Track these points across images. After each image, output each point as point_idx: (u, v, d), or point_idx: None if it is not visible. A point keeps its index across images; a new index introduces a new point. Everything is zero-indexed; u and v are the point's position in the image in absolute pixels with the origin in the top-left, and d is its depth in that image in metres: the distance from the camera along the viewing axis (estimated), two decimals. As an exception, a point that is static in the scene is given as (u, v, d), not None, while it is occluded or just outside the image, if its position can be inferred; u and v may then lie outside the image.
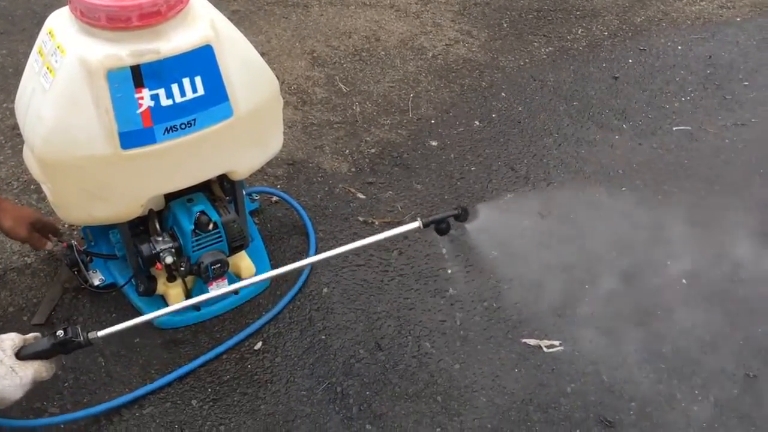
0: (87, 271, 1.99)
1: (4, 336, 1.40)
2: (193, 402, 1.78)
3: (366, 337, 1.95)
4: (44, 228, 1.96)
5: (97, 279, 1.99)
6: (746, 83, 3.07)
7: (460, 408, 1.81)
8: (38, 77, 1.57)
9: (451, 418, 1.79)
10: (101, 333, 1.46)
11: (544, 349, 1.96)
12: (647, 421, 1.79)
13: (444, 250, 2.19)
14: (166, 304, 1.94)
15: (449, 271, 2.13)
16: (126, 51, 1.49)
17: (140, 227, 1.84)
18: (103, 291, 1.98)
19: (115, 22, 1.47)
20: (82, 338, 1.43)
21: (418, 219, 1.67)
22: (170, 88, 1.56)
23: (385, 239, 1.67)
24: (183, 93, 1.57)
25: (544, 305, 2.05)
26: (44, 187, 1.68)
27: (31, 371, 1.37)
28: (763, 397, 1.84)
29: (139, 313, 1.94)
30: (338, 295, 2.05)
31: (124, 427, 1.71)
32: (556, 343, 1.97)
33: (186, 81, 1.57)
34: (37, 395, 1.74)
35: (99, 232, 2.02)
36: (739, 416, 1.80)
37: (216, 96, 1.63)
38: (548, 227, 2.31)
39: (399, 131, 2.65)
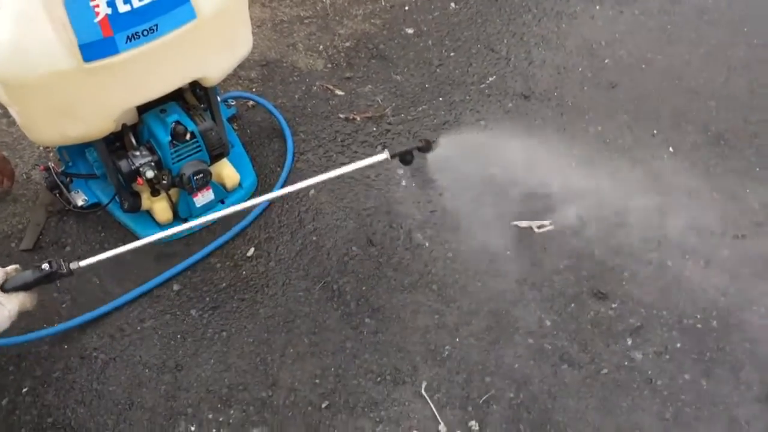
0: (69, 192, 1.96)
1: None
2: (193, 312, 1.80)
3: (357, 234, 1.96)
4: None
5: (80, 199, 1.96)
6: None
7: (456, 294, 1.84)
8: (-15, -5, 1.47)
9: (448, 305, 1.82)
10: (83, 263, 1.45)
11: (536, 230, 1.97)
12: (639, 287, 1.83)
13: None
14: (153, 219, 1.93)
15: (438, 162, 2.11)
16: (72, -44, 1.39)
17: (116, 143, 1.80)
18: (87, 211, 1.96)
19: (56, -76, 1.37)
20: (65, 269, 1.42)
21: (386, 150, 1.64)
22: (126, -8, 1.47)
23: (352, 170, 1.61)
24: (140, -3, 1.49)
25: (532, 187, 2.04)
26: (12, 111, 1.61)
27: (16, 303, 1.39)
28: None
29: (127, 230, 1.95)
30: (326, 195, 2.04)
31: (127, 341, 1.74)
32: (547, 222, 1.98)
33: (142, -18, 1.48)
34: (37, 319, 1.75)
35: (75, 151, 1.96)
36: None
37: (176, -3, 1.54)
38: (532, 108, 2.27)
39: (373, 21, 2.55)
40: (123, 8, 1.47)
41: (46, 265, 1.40)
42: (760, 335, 1.75)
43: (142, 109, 1.74)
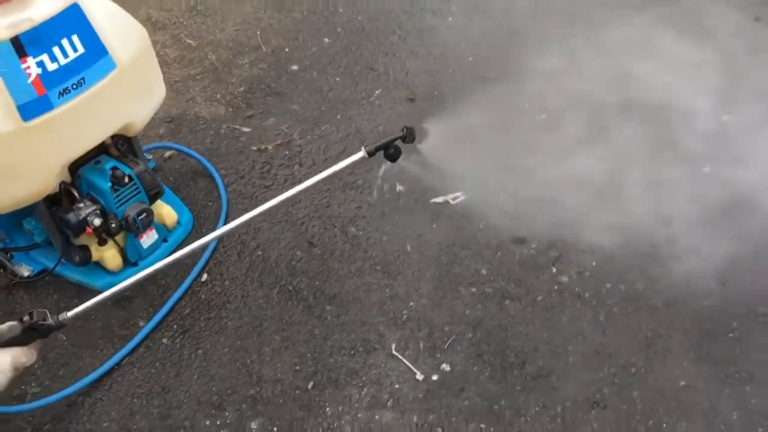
0: (12, 266, 2.01)
1: None
2: (164, 340, 1.89)
3: (297, 240, 2.13)
4: None
5: (25, 270, 2.02)
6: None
7: (399, 268, 2.05)
8: None
9: (394, 278, 2.02)
10: (70, 313, 1.45)
11: (451, 202, 2.23)
12: (551, 230, 2.12)
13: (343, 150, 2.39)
14: (103, 268, 2.02)
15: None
16: (1, 25, 1.54)
17: (53, 207, 1.89)
18: (35, 279, 2.01)
19: (-19, 0, 1.51)
20: (52, 321, 1.42)
21: (363, 148, 1.57)
22: (52, 51, 1.62)
23: (333, 174, 1.59)
24: (65, 54, 1.64)
25: (440, 168, 2.31)
26: (-46, 184, 1.69)
27: (8, 357, 1.38)
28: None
29: (80, 286, 2.02)
30: (260, 216, 2.20)
31: (108, 381, 1.81)
32: (459, 194, 2.25)
33: (65, 42, 1.64)
34: (13, 383, 1.78)
35: (11, 226, 2.02)
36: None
37: (96, 51, 1.71)
38: (420, 107, 2.57)
39: (259, 66, 2.78)
40: (51, 66, 1.63)
41: (27, 316, 1.41)
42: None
43: (74, 168, 1.87)
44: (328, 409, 1.74)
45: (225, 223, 2.17)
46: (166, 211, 2.09)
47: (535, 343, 1.86)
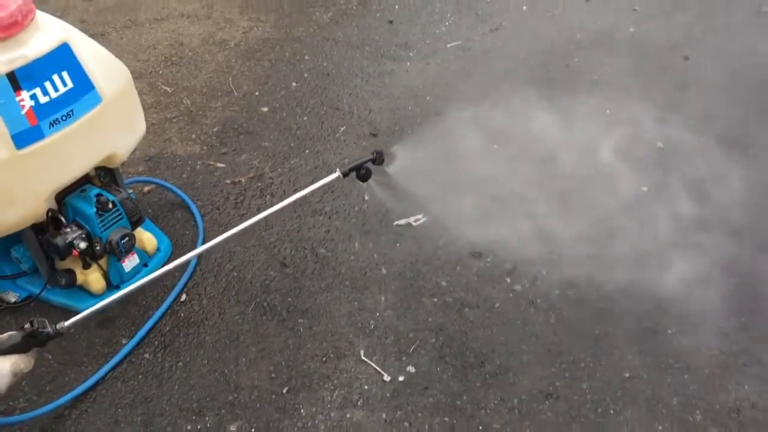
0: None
1: None
2: (146, 355, 2.01)
3: (270, 261, 2.28)
4: None
5: (12, 297, 2.13)
6: (488, 1, 3.76)
7: (367, 283, 2.21)
8: None
9: (362, 293, 2.18)
10: (67, 323, 1.57)
11: (413, 224, 2.41)
12: (504, 245, 2.30)
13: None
14: (87, 292, 2.14)
15: (321, 192, 2.51)
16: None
17: (39, 236, 2.03)
18: (22, 304, 2.12)
19: (-19, 39, 1.69)
20: (51, 329, 1.54)
21: (337, 169, 1.76)
22: (44, 86, 1.79)
23: (309, 193, 1.83)
24: (56, 88, 1.81)
25: (401, 193, 2.50)
26: (-51, 212, 1.82)
27: (8, 363, 1.51)
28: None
29: (65, 309, 2.13)
30: (234, 241, 2.36)
31: (92, 394, 1.91)
32: (420, 216, 2.43)
33: (56, 77, 1.81)
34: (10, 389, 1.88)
35: (-1, 255, 2.15)
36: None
37: (84, 86, 1.88)
38: (382, 141, 2.77)
39: (232, 109, 2.97)
40: (43, 99, 1.79)
41: (28, 324, 1.53)
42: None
43: (61, 197, 2.01)
44: (302, 410, 1.86)
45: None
46: (146, 237, 2.23)
47: (493, 345, 2.02)
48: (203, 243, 2.33)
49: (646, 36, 3.45)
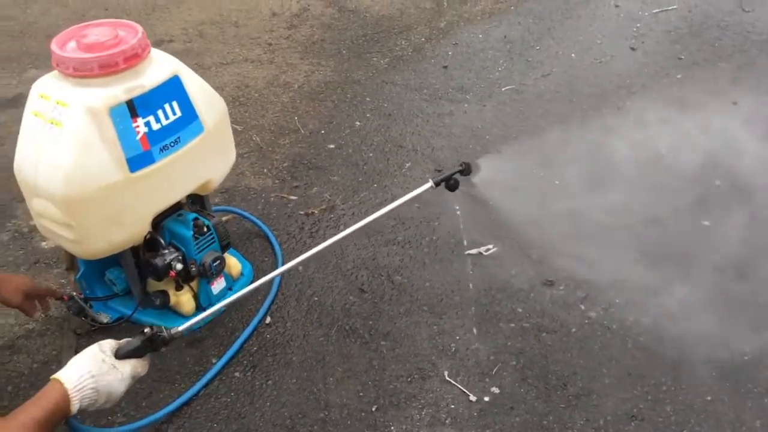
0: (93, 314, 2.22)
1: (102, 341, 1.65)
2: (236, 374, 2.08)
3: (349, 287, 2.36)
4: (38, 295, 2.15)
5: (104, 318, 2.22)
6: (537, 48, 3.92)
7: (444, 308, 2.28)
8: (41, 134, 1.85)
9: (440, 317, 2.25)
10: (181, 327, 1.69)
11: (484, 253, 2.49)
12: (576, 274, 2.37)
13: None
14: (176, 313, 2.22)
15: (392, 224, 2.61)
16: (120, 90, 1.84)
17: (136, 257, 2.13)
18: (113, 325, 2.21)
19: (106, 69, 1.82)
20: (166, 334, 1.65)
21: (430, 180, 1.93)
22: (157, 114, 1.92)
23: (402, 203, 1.98)
24: (167, 116, 1.94)
25: (471, 224, 2.59)
26: (62, 231, 1.92)
27: (129, 367, 1.62)
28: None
29: (156, 330, 2.21)
30: (312, 269, 2.44)
31: (187, 409, 1.98)
32: (491, 246, 2.51)
33: (167, 106, 1.94)
34: (101, 413, 1.95)
35: (93, 278, 2.24)
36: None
37: (190, 116, 2.01)
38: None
39: (300, 145, 3.10)
40: (155, 126, 1.92)
41: (148, 329, 1.64)
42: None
43: (156, 221, 2.12)
44: (392, 427, 1.91)
45: (280, 277, 2.40)
46: (232, 262, 2.33)
47: (574, 368, 2.07)
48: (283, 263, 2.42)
49: (694, 82, 3.57)
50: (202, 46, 3.95)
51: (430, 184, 1.92)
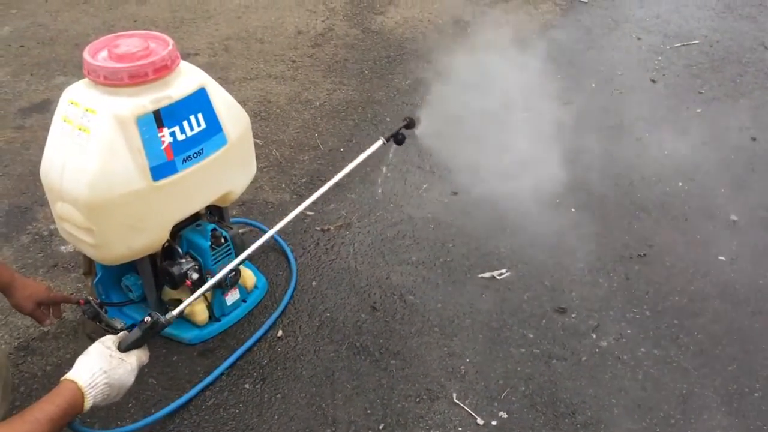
0: (108, 319, 2.24)
1: (103, 338, 1.68)
2: (246, 385, 2.09)
3: (362, 305, 2.38)
4: (51, 304, 2.17)
5: (119, 323, 2.24)
6: (559, 76, 3.95)
7: (455, 331, 2.28)
8: (69, 139, 1.89)
9: (451, 339, 2.25)
10: (175, 312, 1.74)
11: (497, 277, 2.49)
12: (588, 302, 2.38)
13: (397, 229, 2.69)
14: (189, 322, 2.24)
15: (407, 244, 2.63)
16: (147, 100, 1.87)
17: (153, 265, 2.16)
18: (127, 330, 2.23)
19: (135, 78, 1.86)
20: (163, 319, 1.69)
21: (380, 137, 2.17)
22: (182, 125, 1.95)
23: (360, 163, 2.18)
24: (192, 128, 1.98)
25: (487, 249, 2.60)
26: (84, 236, 1.95)
27: (134, 358, 1.66)
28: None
29: (168, 338, 2.24)
30: (326, 284, 2.46)
31: (196, 419, 1.99)
32: (504, 270, 2.52)
33: (192, 118, 1.98)
34: (110, 416, 1.97)
35: (109, 284, 2.27)
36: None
37: (214, 128, 2.04)
38: (463, 202, 2.89)
39: (318, 162, 3.14)
40: (180, 137, 1.95)
41: (148, 317, 1.66)
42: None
43: (175, 231, 2.15)
44: (399, 447, 1.92)
45: (293, 291, 2.42)
46: (247, 274, 2.35)
47: (583, 397, 2.06)
48: (296, 284, 2.44)
49: (714, 117, 3.57)
50: (227, 60, 4.02)
51: (381, 141, 2.14)
